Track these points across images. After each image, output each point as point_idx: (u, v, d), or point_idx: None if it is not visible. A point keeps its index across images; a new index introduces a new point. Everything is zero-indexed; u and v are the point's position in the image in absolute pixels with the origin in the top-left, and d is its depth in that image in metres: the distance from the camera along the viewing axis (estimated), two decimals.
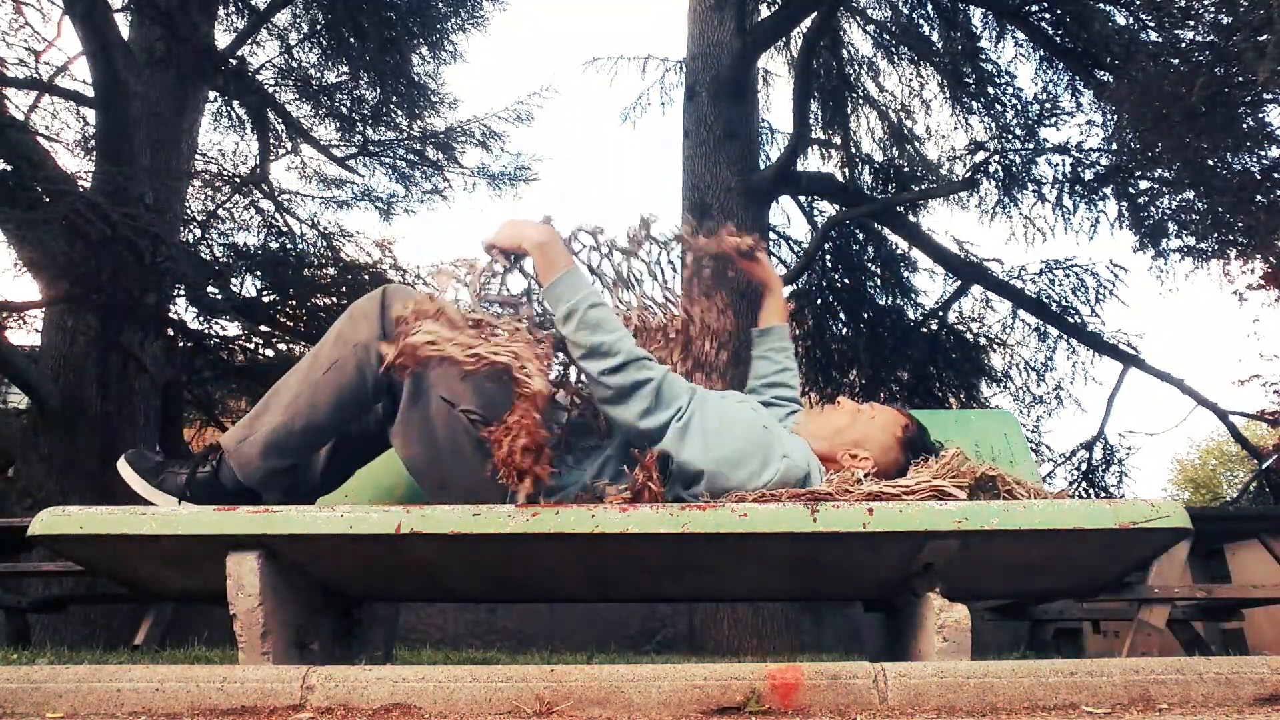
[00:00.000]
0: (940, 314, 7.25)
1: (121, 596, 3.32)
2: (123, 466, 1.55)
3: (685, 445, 1.48)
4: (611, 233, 1.77)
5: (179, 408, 5.81)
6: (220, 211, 6.27)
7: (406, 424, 1.56)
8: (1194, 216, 6.13)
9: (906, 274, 7.53)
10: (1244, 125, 5.14)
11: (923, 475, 1.42)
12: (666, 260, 1.84)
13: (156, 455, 1.59)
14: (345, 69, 6.93)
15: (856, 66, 7.85)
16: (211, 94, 6.57)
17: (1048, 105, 6.85)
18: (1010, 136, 7.21)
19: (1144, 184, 6.51)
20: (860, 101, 7.91)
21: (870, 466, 1.61)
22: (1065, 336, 7.07)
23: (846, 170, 7.83)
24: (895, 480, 1.44)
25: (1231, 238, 6.05)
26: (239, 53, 6.27)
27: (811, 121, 7.29)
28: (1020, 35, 6.91)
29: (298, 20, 6.83)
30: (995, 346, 7.42)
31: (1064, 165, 6.87)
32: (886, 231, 7.32)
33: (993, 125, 7.36)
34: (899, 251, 7.53)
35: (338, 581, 1.63)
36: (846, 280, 7.54)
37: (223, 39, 6.27)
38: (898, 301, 7.50)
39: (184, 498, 1.53)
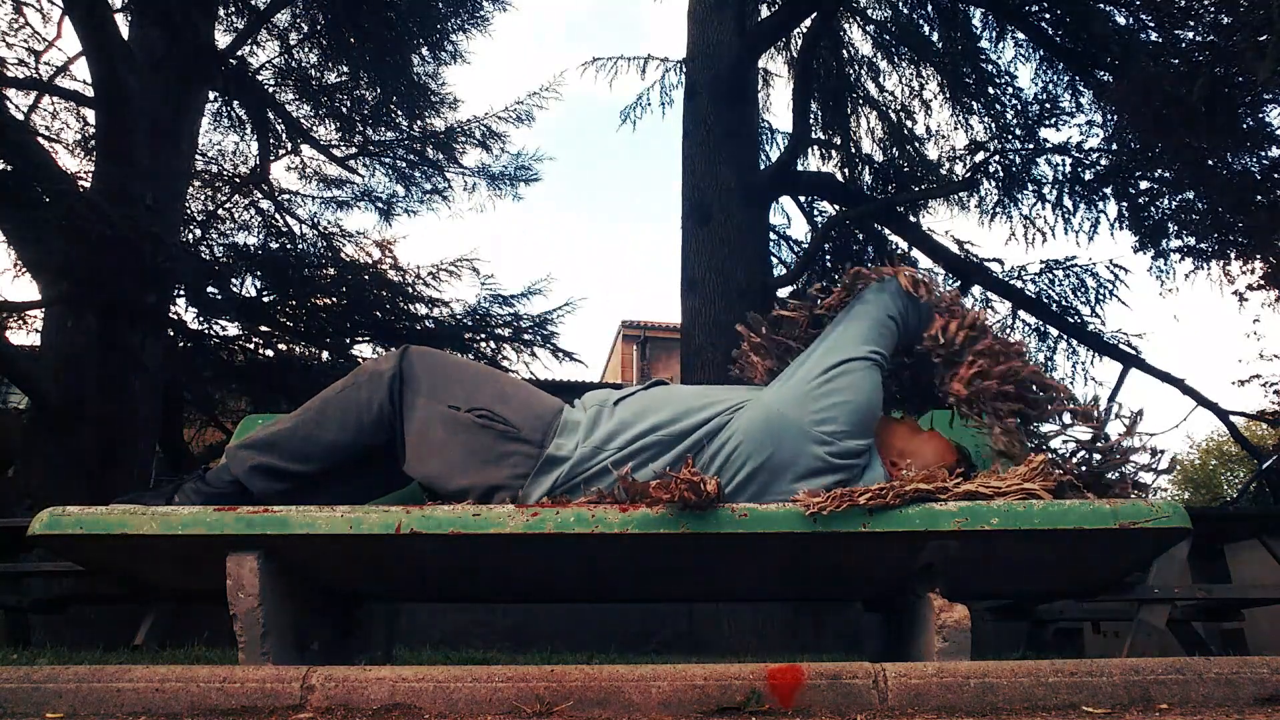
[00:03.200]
0: None
1: (121, 596, 3.31)
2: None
3: None
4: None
5: (179, 408, 5.81)
6: (220, 211, 6.26)
7: (419, 443, 1.57)
8: (1194, 216, 6.13)
9: None
10: (1244, 125, 5.15)
11: (1011, 479, 1.43)
12: None
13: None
14: (345, 69, 6.93)
15: (856, 66, 7.84)
16: (211, 94, 6.56)
17: (1048, 105, 6.85)
18: (1010, 136, 7.21)
19: (1144, 184, 6.51)
20: (860, 101, 7.90)
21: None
22: (1065, 336, 7.06)
23: (846, 170, 7.83)
24: (989, 481, 1.44)
25: (1231, 238, 6.05)
26: (239, 53, 6.27)
27: (811, 121, 7.29)
28: (1020, 35, 6.91)
29: (298, 20, 6.82)
30: None
31: (1064, 165, 6.87)
32: (887, 231, 7.32)
33: (993, 125, 7.35)
34: (899, 251, 7.52)
35: (338, 581, 1.63)
36: None
37: (223, 39, 6.26)
38: None
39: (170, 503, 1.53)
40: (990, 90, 7.18)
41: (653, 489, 1.34)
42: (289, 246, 6.16)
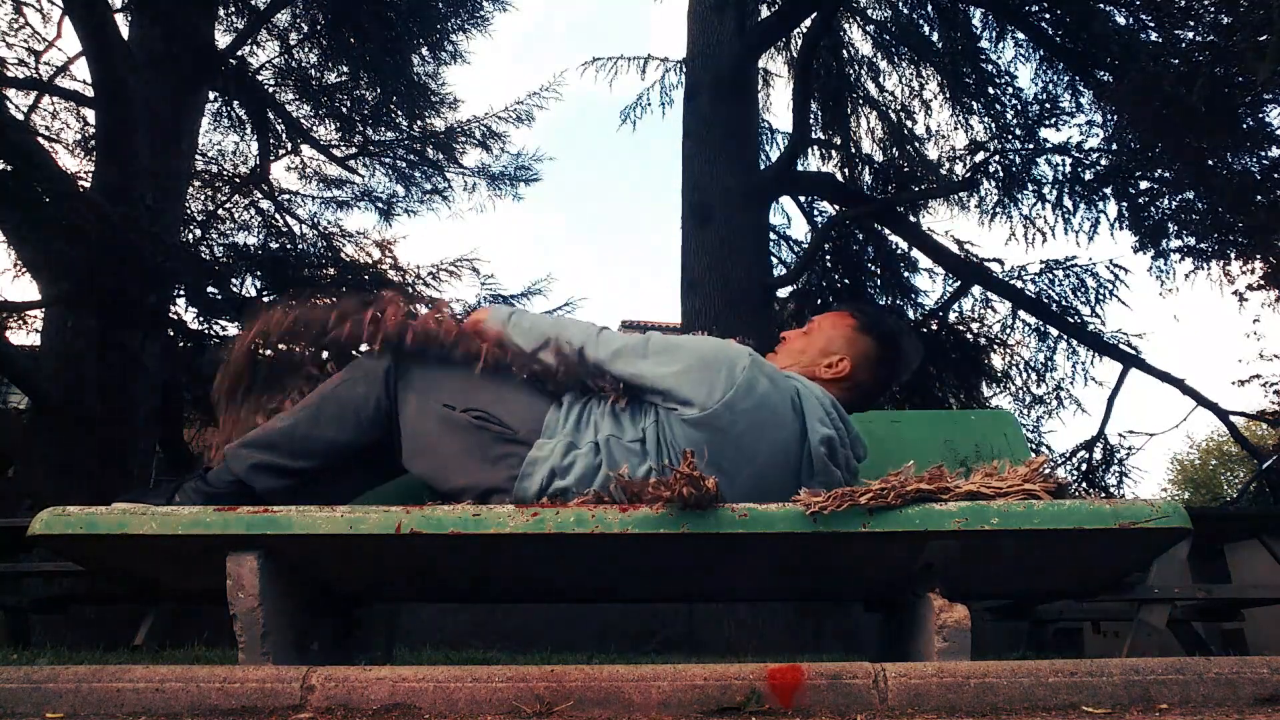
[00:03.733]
0: (940, 314, 7.24)
1: (121, 596, 3.32)
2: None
3: None
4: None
5: (179, 408, 5.81)
6: (220, 211, 6.27)
7: (414, 439, 1.56)
8: (1194, 216, 6.14)
9: (906, 274, 7.52)
10: (1244, 125, 5.15)
11: (1012, 479, 1.42)
12: None
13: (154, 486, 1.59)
14: (345, 69, 6.93)
15: (856, 66, 7.85)
16: (211, 94, 6.56)
17: (1048, 105, 6.85)
18: (1010, 136, 7.21)
19: (1144, 184, 6.51)
20: (860, 102, 7.91)
21: (846, 367, 1.69)
22: (1065, 336, 7.06)
23: (846, 170, 7.84)
24: (990, 481, 1.44)
25: (1231, 238, 6.06)
26: (239, 53, 6.27)
27: (811, 121, 7.29)
28: (1020, 35, 6.91)
29: (298, 20, 6.83)
30: (995, 346, 7.42)
31: (1064, 165, 6.87)
32: (886, 231, 7.32)
33: (993, 125, 7.36)
34: (899, 251, 7.52)
35: (338, 581, 1.63)
36: (846, 280, 7.53)
37: (223, 39, 6.26)
38: (898, 301, 7.49)
39: (170, 502, 1.51)
40: (990, 90, 7.18)
41: (652, 487, 1.34)
42: (289, 246, 6.17)
